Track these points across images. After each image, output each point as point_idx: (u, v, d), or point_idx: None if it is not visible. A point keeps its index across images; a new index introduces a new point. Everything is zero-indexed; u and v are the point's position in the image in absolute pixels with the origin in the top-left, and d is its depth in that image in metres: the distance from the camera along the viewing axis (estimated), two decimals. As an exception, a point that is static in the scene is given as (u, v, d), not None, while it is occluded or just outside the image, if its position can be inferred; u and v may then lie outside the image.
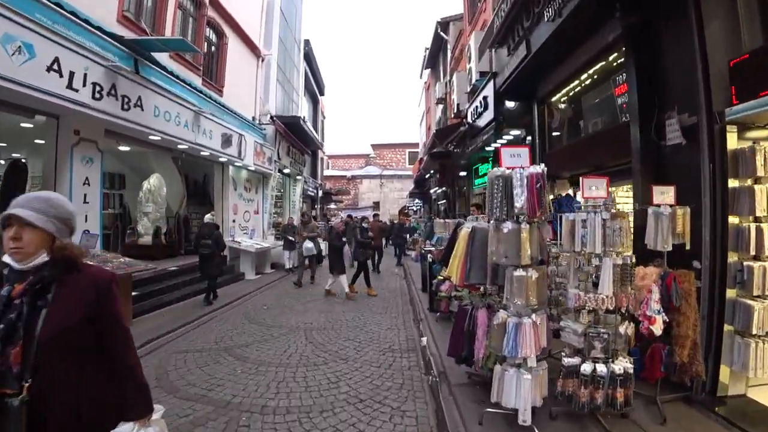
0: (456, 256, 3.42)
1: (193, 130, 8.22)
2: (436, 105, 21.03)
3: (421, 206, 27.35)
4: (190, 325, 6.22)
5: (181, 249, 10.99)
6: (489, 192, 3.02)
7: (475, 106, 8.51)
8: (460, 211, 13.32)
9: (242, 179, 11.50)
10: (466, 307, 3.63)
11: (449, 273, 3.53)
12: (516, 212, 2.81)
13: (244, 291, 8.87)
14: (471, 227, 3.33)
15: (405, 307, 7.37)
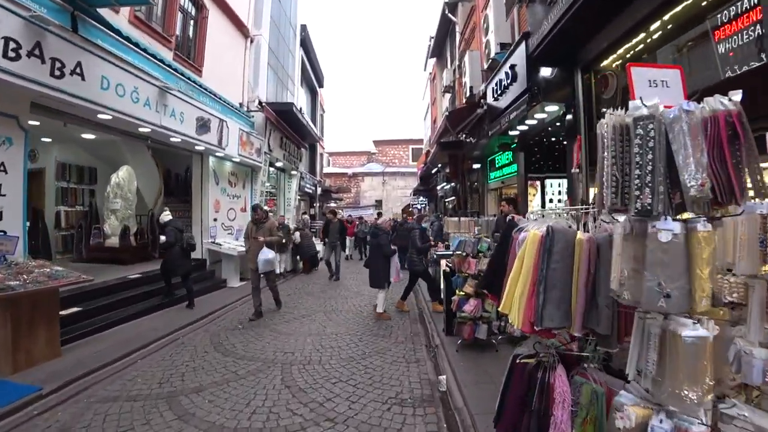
0: (518, 279, 1.97)
1: (157, 110, 6.80)
2: (443, 95, 19.58)
3: (426, 204, 25.88)
4: (138, 353, 4.83)
5: (155, 251, 9.59)
6: (608, 158, 1.53)
7: (498, 80, 7.07)
8: (473, 209, 11.87)
9: (226, 172, 10.09)
10: (525, 362, 2.20)
11: (504, 308, 2.08)
12: (689, 196, 1.30)
13: (223, 302, 7.47)
14: (547, 229, 1.90)
15: (413, 327, 5.94)
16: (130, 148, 9.79)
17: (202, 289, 8.28)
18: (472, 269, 4.39)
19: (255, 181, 11.50)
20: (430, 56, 22.41)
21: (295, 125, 13.61)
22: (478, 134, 9.36)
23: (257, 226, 6.54)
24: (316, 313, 6.67)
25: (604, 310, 1.82)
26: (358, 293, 8.46)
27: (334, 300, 7.71)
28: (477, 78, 10.59)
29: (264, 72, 12.57)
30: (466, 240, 4.45)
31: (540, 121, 6.74)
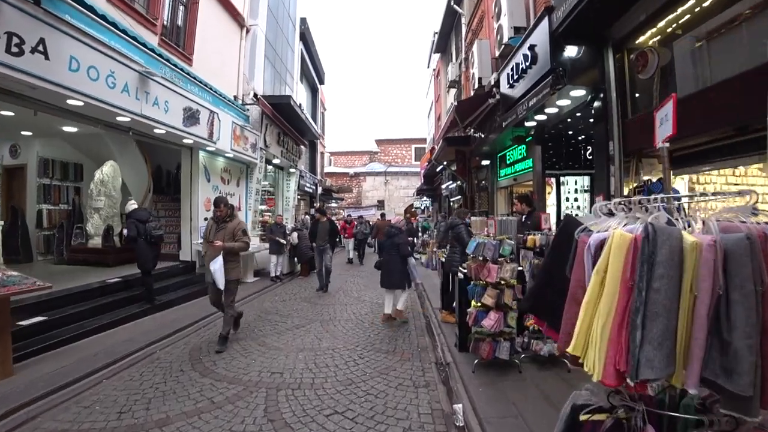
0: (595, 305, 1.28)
1: (137, 97, 6.16)
2: (447, 91, 18.94)
3: (430, 204, 25.19)
4: (104, 371, 4.19)
5: (142, 253, 8.95)
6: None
7: (513, 65, 6.39)
8: (481, 208, 11.20)
9: (218, 168, 9.44)
10: (596, 420, 1.51)
11: (575, 350, 1.38)
12: None
13: (210, 310, 6.74)
14: (645, 227, 1.22)
15: (420, 340, 5.26)
16: (116, 142, 9.18)
17: (190, 294, 7.64)
18: (493, 277, 3.71)
19: (250, 179, 10.86)
20: (434, 52, 21.78)
21: (294, 121, 12.97)
22: (488, 128, 8.69)
23: (218, 225, 5.03)
24: (312, 322, 6.00)
25: (742, 353, 1.14)
26: (358, 299, 7.79)
27: (332, 307, 7.05)
28: (486, 68, 9.91)
29: (260, 64, 11.93)
30: (485, 242, 3.77)
31: (561, 109, 6.08)
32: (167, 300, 7.05)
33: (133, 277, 7.18)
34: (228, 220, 5.04)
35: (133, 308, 6.24)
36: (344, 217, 16.08)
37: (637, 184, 4.82)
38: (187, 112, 7.41)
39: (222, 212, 5.02)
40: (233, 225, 5.03)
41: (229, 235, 4.94)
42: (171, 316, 6.38)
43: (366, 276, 11.06)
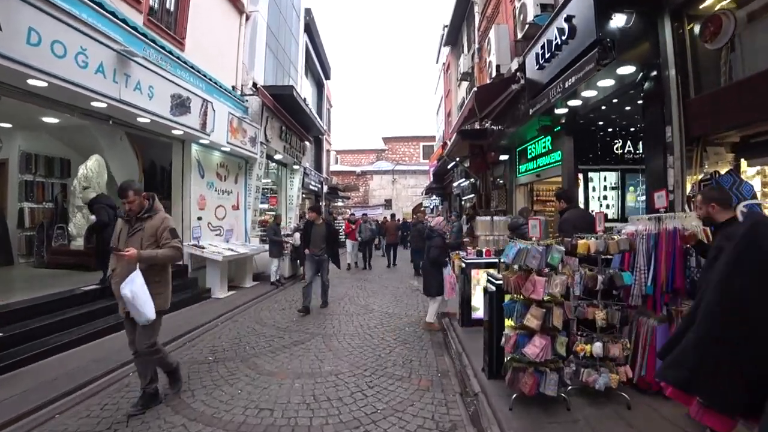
0: None
1: (115, 80, 5.42)
2: (459, 85, 18.10)
3: (439, 203, 24.34)
4: (61, 402, 3.45)
5: (130, 256, 8.23)
6: None
7: (544, 42, 5.53)
8: (498, 207, 10.36)
9: (213, 163, 8.70)
10: None
11: None
12: None
13: (200, 320, 6.06)
14: None
15: (440, 360, 4.46)
16: (105, 135, 8.50)
17: (180, 302, 6.88)
18: (539, 293, 2.90)
19: (250, 175, 10.11)
20: (444, 45, 20.95)
21: (298, 114, 12.20)
22: (509, 118, 7.85)
23: (131, 225, 3.29)
24: (313, 337, 5.22)
25: None
26: (365, 308, 6.99)
27: (337, 318, 6.26)
28: (505, 54, 9.07)
29: (261, 53, 11.19)
30: (528, 248, 2.95)
31: (600, 92, 5.23)
32: (153, 308, 6.31)
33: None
34: (146, 216, 3.32)
35: (111, 319, 5.49)
36: (348, 216, 15.08)
37: (702, 176, 3.98)
38: (175, 100, 6.66)
39: (133, 204, 3.25)
40: (155, 223, 3.29)
41: (149, 238, 3.24)
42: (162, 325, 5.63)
43: (374, 281, 10.27)
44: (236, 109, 9.05)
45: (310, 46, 17.84)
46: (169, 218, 3.45)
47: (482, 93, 7.26)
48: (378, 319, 6.15)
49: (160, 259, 3.22)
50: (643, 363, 3.35)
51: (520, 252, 3.01)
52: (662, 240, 3.24)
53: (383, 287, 9.19)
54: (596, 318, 3.13)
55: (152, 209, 3.38)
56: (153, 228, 3.28)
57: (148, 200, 3.41)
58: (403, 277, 10.73)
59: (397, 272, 11.84)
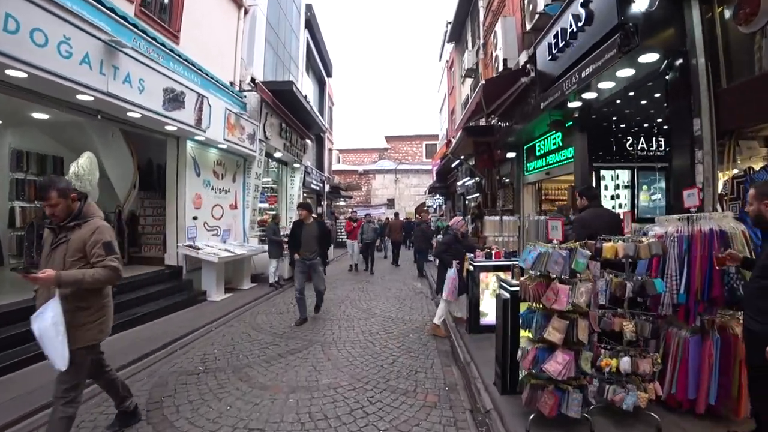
0: None
1: (102, 71, 5.12)
2: (462, 82, 17.78)
3: (443, 203, 24.00)
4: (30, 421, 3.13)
5: (123, 257, 7.96)
6: None
7: (558, 31, 5.20)
8: (505, 206, 10.01)
9: (210, 161, 8.40)
10: None
11: None
12: None
13: (193, 325, 5.76)
14: None
15: (446, 372, 4.13)
16: (99, 132, 8.18)
17: (174, 305, 6.62)
18: (562, 303, 2.57)
19: (248, 174, 9.81)
20: (447, 41, 20.61)
21: (298, 111, 11.89)
22: (517, 113, 7.52)
23: (56, 236, 2.53)
24: (311, 345, 4.91)
25: None
26: (367, 312, 6.67)
27: (336, 323, 5.95)
28: (512, 48, 8.76)
29: (260, 49, 10.88)
30: (550, 253, 2.62)
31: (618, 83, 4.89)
32: (145, 312, 6.04)
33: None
34: (72, 224, 2.51)
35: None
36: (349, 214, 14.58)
37: (737, 172, 3.64)
38: (168, 94, 6.36)
39: (56, 208, 2.47)
40: (83, 234, 2.50)
41: (74, 254, 2.47)
42: (145, 334, 5.35)
43: (376, 282, 9.95)
44: (234, 105, 8.75)
45: (311, 43, 17.53)
46: (104, 228, 2.58)
47: (490, 87, 6.92)
48: (380, 325, 5.83)
49: (88, 282, 2.38)
50: (673, 379, 3.02)
51: (540, 256, 2.68)
52: (696, 243, 2.90)
53: (386, 289, 8.87)
54: (625, 330, 2.80)
55: (81, 215, 2.55)
56: (80, 240, 2.47)
57: (78, 204, 2.59)
58: (406, 279, 10.41)
59: (401, 273, 11.52)
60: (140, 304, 6.28)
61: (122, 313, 5.73)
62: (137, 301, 6.30)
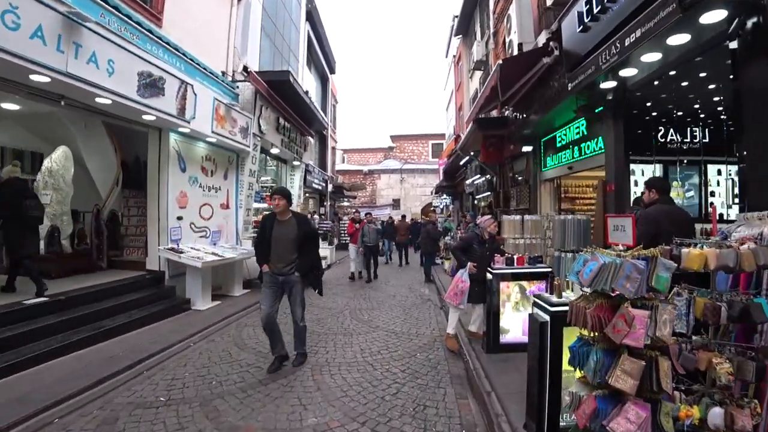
0: None
1: (60, 48, 4.42)
2: (471, 76, 17.00)
3: (450, 203, 23.18)
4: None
5: (102, 260, 7.28)
6: None
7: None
8: (519, 205, 9.20)
9: (197, 156, 7.68)
10: None
11: None
12: None
13: (169, 339, 5.03)
14: None
15: (462, 406, 3.34)
16: (78, 125, 7.55)
17: (152, 315, 5.90)
18: (639, 336, 1.78)
19: (242, 170, 9.09)
20: (455, 35, 19.87)
21: (297, 105, 11.17)
22: (536, 100, 6.73)
23: None
24: (300, 368, 4.14)
25: None
26: (369, 325, 5.90)
27: (333, 339, 5.18)
28: (528, 31, 8.01)
29: (256, 37, 10.19)
30: (619, 263, 1.83)
31: (670, 53, 4.08)
32: (117, 324, 5.32)
33: (77, 293, 5.51)
34: None
35: (53, 341, 4.49)
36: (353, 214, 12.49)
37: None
38: (144, 78, 5.65)
39: None
40: None
41: None
42: (114, 349, 4.64)
43: (380, 288, 9.19)
44: (224, 96, 8.04)
45: (312, 36, 16.83)
46: None
47: (508, 67, 6.11)
48: (383, 341, 5.05)
49: None
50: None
51: (604, 269, 1.89)
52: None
53: (390, 296, 8.09)
54: (717, 371, 2.00)
55: None
56: None
57: None
58: (412, 284, 9.63)
59: (406, 278, 10.73)
60: (113, 314, 5.56)
61: (89, 326, 5.04)
62: (110, 311, 5.59)
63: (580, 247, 5.15)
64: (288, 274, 4.16)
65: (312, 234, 4.51)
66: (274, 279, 4.17)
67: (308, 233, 4.32)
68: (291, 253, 4.16)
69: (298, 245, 4.16)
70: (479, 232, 4.85)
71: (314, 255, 4.44)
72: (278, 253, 4.15)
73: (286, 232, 4.15)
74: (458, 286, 4.50)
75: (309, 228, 4.44)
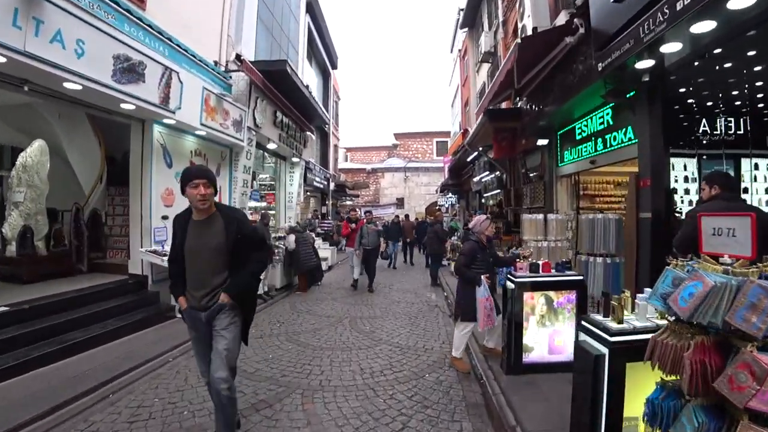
0: None
1: (17, 24, 3.84)
2: (478, 69, 16.36)
3: (455, 202, 22.54)
4: None
5: (82, 263, 6.73)
6: None
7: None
8: (533, 204, 8.57)
9: (185, 150, 7.11)
10: None
11: None
12: None
13: (145, 354, 4.46)
14: None
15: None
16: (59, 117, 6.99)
17: (131, 325, 5.35)
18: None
19: (235, 166, 8.52)
20: (460, 27, 19.19)
21: (296, 99, 10.56)
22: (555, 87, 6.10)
23: None
24: (288, 394, 3.55)
25: None
26: (370, 337, 5.29)
27: (329, 355, 4.58)
28: (544, 13, 7.41)
29: (251, 26, 9.61)
30: (736, 285, 1.24)
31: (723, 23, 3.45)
32: (92, 336, 4.78)
33: (45, 301, 4.94)
34: None
35: (10, 359, 3.92)
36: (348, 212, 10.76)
37: None
38: (120, 62, 5.07)
39: None
40: None
41: None
42: (81, 366, 4.09)
43: (384, 293, 8.58)
44: (215, 85, 7.47)
45: (313, 29, 16.24)
46: None
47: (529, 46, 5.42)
48: (386, 358, 4.44)
49: None
50: None
51: (713, 293, 1.28)
52: None
53: (394, 302, 7.49)
54: None
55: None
56: None
57: None
58: (418, 288, 9.01)
59: (411, 281, 10.11)
60: (86, 324, 5.00)
61: (56, 339, 4.48)
62: (83, 320, 5.03)
63: (611, 251, 4.53)
64: (210, 305, 2.56)
65: (252, 239, 2.70)
66: (195, 318, 2.61)
67: (244, 237, 2.62)
68: (215, 274, 2.57)
69: (229, 260, 2.57)
70: (477, 238, 4.20)
71: (254, 272, 2.73)
72: (196, 275, 2.59)
73: (208, 239, 2.56)
74: (486, 307, 3.87)
75: (245, 229, 2.66)
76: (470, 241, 4.21)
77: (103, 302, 5.58)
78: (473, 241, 4.18)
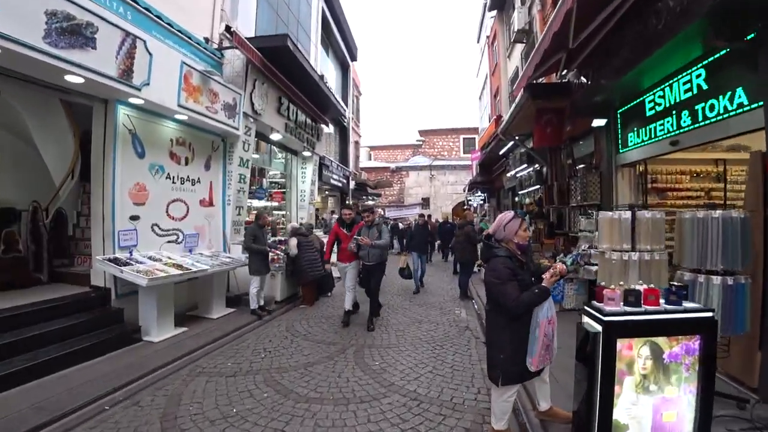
0: None
1: None
2: (509, 54, 14.77)
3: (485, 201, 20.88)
4: None
5: (42, 272, 5.70)
6: None
7: None
8: (584, 200, 7.00)
9: (163, 138, 5.98)
10: None
11: None
12: None
13: (89, 393, 3.33)
14: None
15: None
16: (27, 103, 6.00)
17: (86, 350, 4.28)
18: None
19: (230, 159, 7.36)
20: (489, 10, 17.59)
21: (307, 85, 9.34)
22: (627, 44, 4.58)
23: None
24: None
25: None
26: (379, 380, 3.94)
27: (314, 414, 3.25)
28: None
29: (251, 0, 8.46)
30: None
31: None
32: (31, 365, 3.71)
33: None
34: None
35: None
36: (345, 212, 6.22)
37: None
38: (57, 21, 3.94)
39: None
40: None
41: None
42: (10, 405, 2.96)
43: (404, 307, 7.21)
44: (198, 61, 6.32)
45: (329, 16, 15.03)
46: None
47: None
48: (397, 420, 3.07)
49: None
50: None
51: None
52: None
53: (414, 322, 6.10)
54: None
55: None
56: None
57: None
58: (444, 302, 7.58)
59: (435, 292, 8.67)
60: (26, 349, 3.93)
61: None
62: (25, 344, 3.96)
63: (733, 266, 3.01)
64: None
65: None
66: None
67: None
68: None
69: None
70: (506, 251, 2.69)
71: None
72: None
73: None
74: (548, 334, 2.47)
75: None
76: (498, 259, 2.67)
77: (54, 320, 4.52)
78: (503, 257, 2.67)
